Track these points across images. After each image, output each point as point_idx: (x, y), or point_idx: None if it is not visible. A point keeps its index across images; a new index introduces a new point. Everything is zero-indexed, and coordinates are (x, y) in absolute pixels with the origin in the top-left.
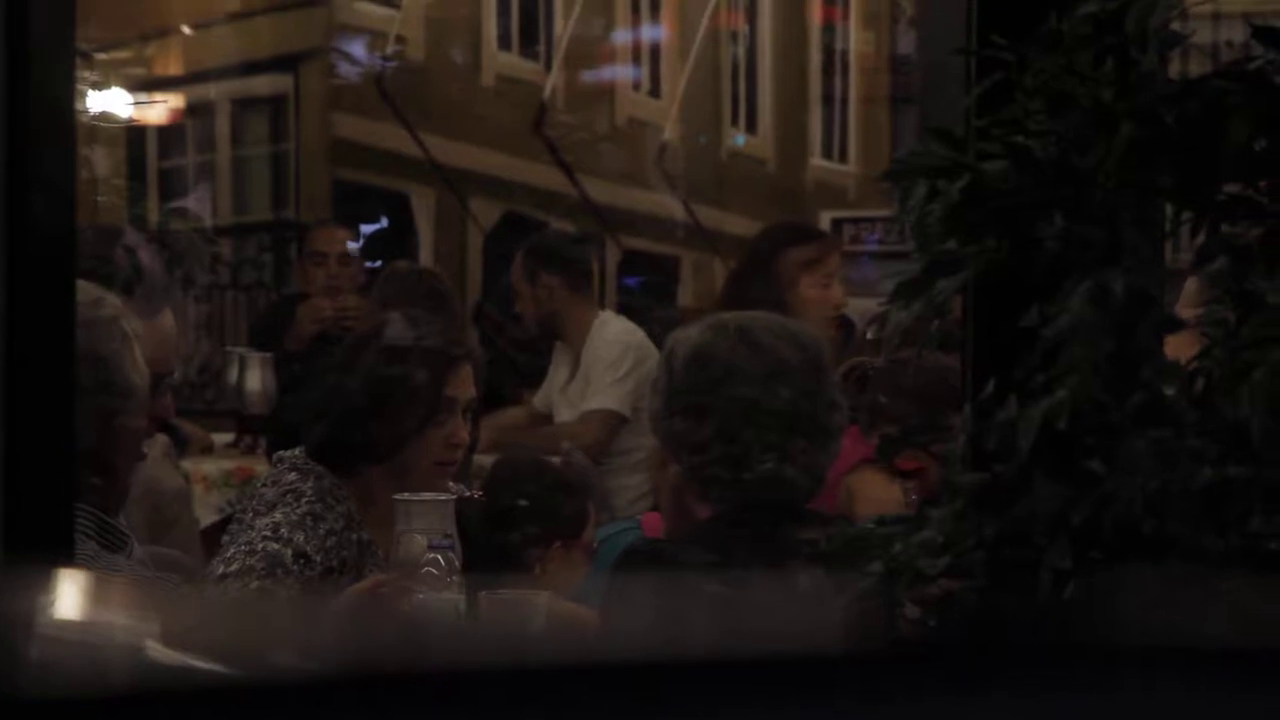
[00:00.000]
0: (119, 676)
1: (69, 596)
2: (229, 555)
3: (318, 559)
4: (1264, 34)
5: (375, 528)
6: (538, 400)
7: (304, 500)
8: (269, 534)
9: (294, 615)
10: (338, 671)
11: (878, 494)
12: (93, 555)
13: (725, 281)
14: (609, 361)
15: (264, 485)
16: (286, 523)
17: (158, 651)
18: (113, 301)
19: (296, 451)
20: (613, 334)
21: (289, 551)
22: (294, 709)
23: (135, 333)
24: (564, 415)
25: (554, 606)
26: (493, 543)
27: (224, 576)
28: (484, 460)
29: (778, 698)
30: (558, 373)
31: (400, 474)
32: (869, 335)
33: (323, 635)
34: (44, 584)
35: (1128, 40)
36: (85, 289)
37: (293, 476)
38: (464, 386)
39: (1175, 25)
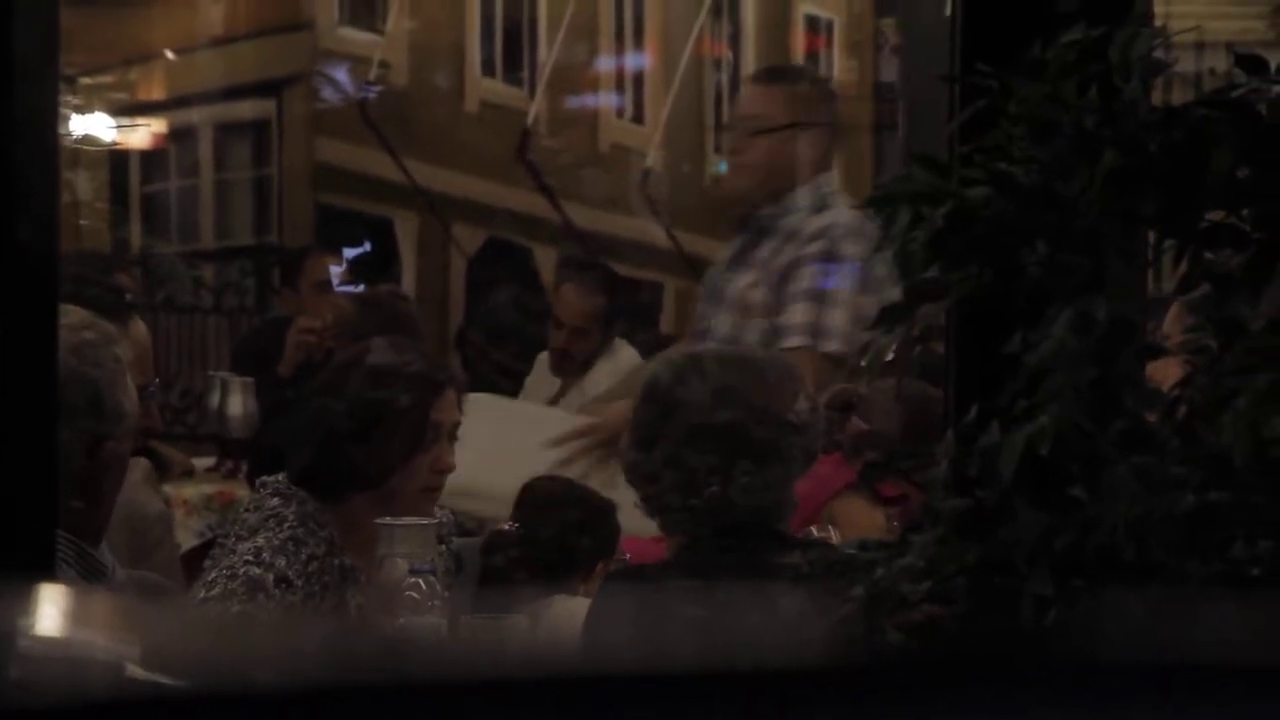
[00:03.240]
0: (99, 691)
1: (50, 615)
2: (210, 579)
3: (299, 584)
4: (1247, 62)
5: (359, 553)
6: None
7: (286, 525)
8: (251, 558)
9: (275, 633)
10: (317, 684)
11: (861, 520)
12: (72, 584)
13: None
14: (605, 390)
15: (246, 510)
16: (269, 547)
17: (137, 667)
18: (103, 326)
19: (279, 477)
20: (623, 361)
21: (270, 576)
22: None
23: (126, 358)
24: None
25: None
26: (537, 567)
27: (205, 600)
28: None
29: (756, 712)
30: (537, 393)
31: (387, 500)
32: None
33: (303, 650)
34: (25, 603)
35: (1111, 68)
36: (75, 313)
37: (275, 502)
38: (448, 411)
39: (1158, 54)
